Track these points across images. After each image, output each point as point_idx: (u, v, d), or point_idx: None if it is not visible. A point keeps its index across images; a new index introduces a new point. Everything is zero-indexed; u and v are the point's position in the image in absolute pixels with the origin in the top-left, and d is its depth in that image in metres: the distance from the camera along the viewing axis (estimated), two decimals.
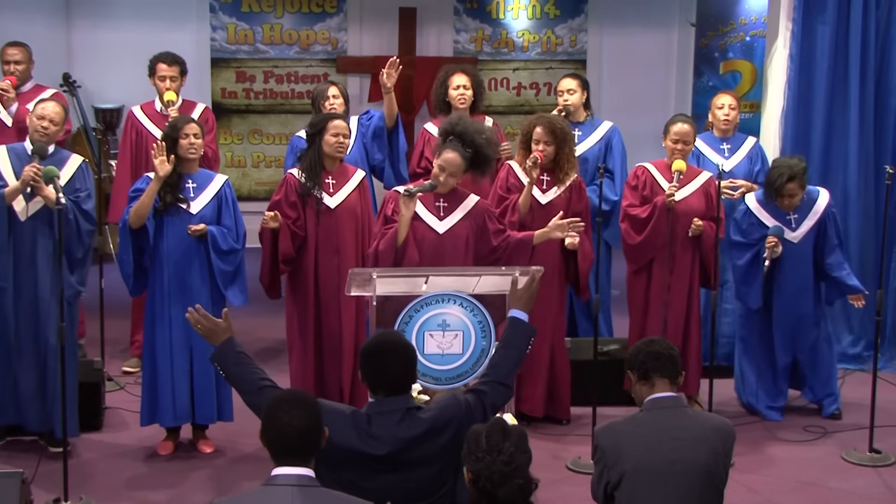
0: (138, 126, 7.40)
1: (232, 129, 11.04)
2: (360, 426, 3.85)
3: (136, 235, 6.00)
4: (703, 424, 4.12)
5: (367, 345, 3.99)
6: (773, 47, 8.01)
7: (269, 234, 6.21)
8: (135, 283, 6.08)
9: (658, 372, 4.15)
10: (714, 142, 7.45)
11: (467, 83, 7.30)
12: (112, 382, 7.05)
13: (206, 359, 6.02)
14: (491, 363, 4.19)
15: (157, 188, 5.95)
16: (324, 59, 11.05)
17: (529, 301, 4.30)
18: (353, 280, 5.44)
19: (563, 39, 11.30)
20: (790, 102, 7.81)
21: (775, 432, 6.64)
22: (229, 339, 4.10)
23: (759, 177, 7.29)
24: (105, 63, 10.43)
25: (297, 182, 6.27)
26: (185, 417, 6.13)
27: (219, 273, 6.04)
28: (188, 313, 4.14)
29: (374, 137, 7.23)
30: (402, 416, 3.86)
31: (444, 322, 5.27)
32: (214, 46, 10.90)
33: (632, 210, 6.68)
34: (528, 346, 4.23)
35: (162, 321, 6.05)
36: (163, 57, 7.37)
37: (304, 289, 6.31)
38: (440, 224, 5.98)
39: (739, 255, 6.74)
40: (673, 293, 6.60)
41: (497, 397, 4.08)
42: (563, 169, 6.44)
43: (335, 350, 6.30)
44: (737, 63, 10.97)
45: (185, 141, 6.04)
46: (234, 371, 4.05)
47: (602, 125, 7.53)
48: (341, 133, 6.24)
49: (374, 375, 3.90)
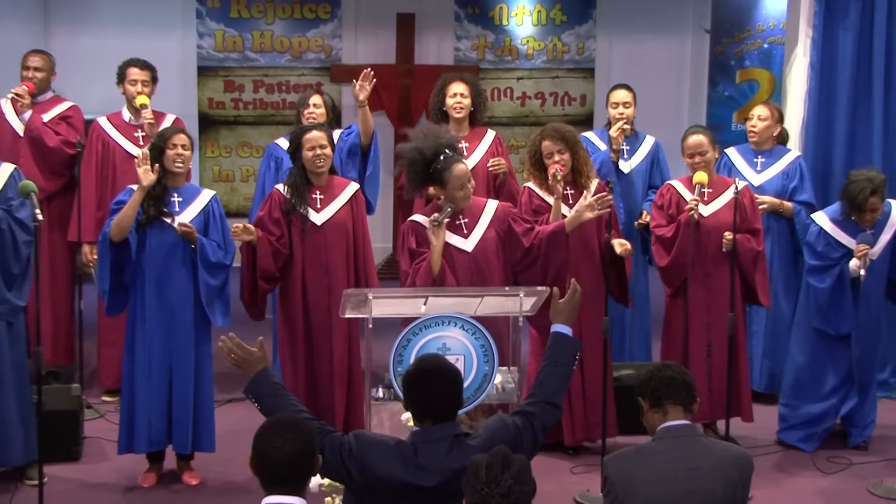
0: (104, 138, 7.39)
1: (219, 141, 11.05)
2: (406, 457, 3.85)
3: (117, 249, 5.99)
4: (720, 454, 4.10)
5: (409, 370, 4.00)
6: (793, 55, 8.03)
7: (248, 248, 6.23)
8: (112, 300, 6.07)
9: (671, 399, 4.13)
10: (749, 154, 7.51)
11: (465, 91, 7.32)
12: (91, 410, 7.04)
13: (185, 383, 6.03)
14: (537, 382, 4.21)
15: (140, 199, 5.95)
16: (317, 67, 11.08)
17: (572, 314, 4.35)
18: (348, 301, 5.44)
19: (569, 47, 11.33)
20: (811, 113, 7.82)
21: (797, 463, 6.62)
22: (264, 369, 4.08)
23: (794, 193, 7.31)
24: (86, 72, 10.45)
25: (281, 198, 6.29)
26: (160, 443, 6.10)
27: (204, 287, 6.03)
28: (221, 342, 4.09)
29: (349, 154, 7.22)
30: (450, 445, 3.87)
31: (445, 346, 5.26)
32: (201, 54, 10.93)
33: (658, 231, 6.70)
34: (575, 362, 4.28)
35: (143, 342, 6.04)
36: (133, 61, 7.38)
37: (293, 310, 6.31)
38: (467, 242, 6.01)
39: (820, 279, 6.66)
40: (714, 313, 6.57)
41: (546, 418, 4.10)
42: (584, 174, 6.46)
43: (327, 375, 6.29)
44: (754, 72, 10.99)
45: (172, 152, 6.05)
46: (270, 403, 4.02)
47: (646, 140, 7.65)
48: (317, 146, 6.24)
49: (420, 402, 3.91)
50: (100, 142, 7.39)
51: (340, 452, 3.87)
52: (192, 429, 6.09)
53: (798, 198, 7.34)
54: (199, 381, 6.09)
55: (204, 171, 11.16)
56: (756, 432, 6.91)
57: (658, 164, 7.61)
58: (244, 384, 4.08)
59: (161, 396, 6.05)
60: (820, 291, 6.68)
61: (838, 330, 6.68)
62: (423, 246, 5.92)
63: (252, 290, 6.32)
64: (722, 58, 11.11)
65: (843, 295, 6.62)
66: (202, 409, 6.09)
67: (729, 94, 10.99)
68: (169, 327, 6.01)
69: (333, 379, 6.28)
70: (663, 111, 11.05)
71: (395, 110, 10.89)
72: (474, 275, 5.96)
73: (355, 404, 6.30)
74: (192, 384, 6.06)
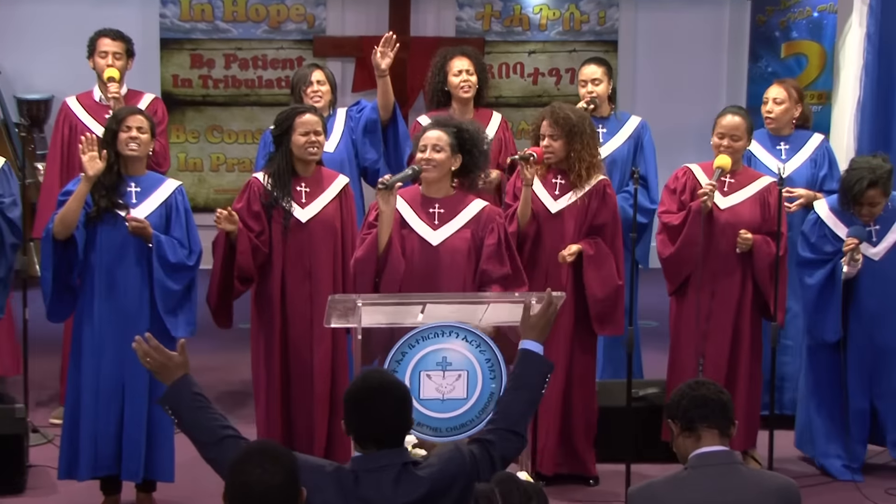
0: (73, 120, 7.43)
1: (186, 124, 11.06)
2: (345, 486, 3.82)
3: (62, 249, 5.99)
4: (761, 485, 4.11)
5: (351, 387, 3.97)
6: (847, 25, 8.05)
7: (224, 240, 6.21)
8: (55, 305, 6.06)
9: (705, 421, 4.14)
10: (768, 141, 7.43)
11: (470, 67, 7.34)
12: (37, 435, 7.05)
13: (139, 401, 6.02)
14: (499, 407, 4.17)
15: (86, 191, 5.94)
16: (298, 39, 11.09)
17: (545, 330, 4.29)
18: (334, 308, 5.45)
19: (589, 16, 11.34)
20: (867, 91, 7.84)
21: (850, 496, 6.63)
22: (184, 376, 4.07)
23: (824, 183, 7.30)
24: (31, 45, 10.46)
25: (261, 189, 6.29)
26: (106, 468, 6.07)
27: (161, 292, 6.01)
28: (135, 343, 4.09)
29: (365, 133, 7.25)
30: (397, 474, 3.84)
31: (445, 360, 5.28)
32: (164, 24, 10.94)
33: (666, 217, 6.70)
34: (545, 385, 4.22)
35: (90, 353, 6.04)
36: (105, 31, 7.43)
37: (269, 320, 6.31)
38: (434, 234, 5.99)
39: (810, 275, 6.71)
40: (714, 323, 6.59)
41: (507, 448, 4.05)
42: (576, 169, 6.45)
43: (306, 394, 6.30)
44: (802, 44, 11.00)
45: (126, 134, 6.04)
46: (189, 417, 4.02)
47: (630, 121, 7.57)
48: (312, 130, 6.25)
49: (362, 424, 3.89)
50: (67, 125, 7.43)
51: None
52: (147, 454, 6.07)
53: (828, 187, 7.31)
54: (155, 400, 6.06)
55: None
56: (802, 461, 6.95)
57: (641, 149, 7.49)
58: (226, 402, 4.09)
59: (109, 416, 6.04)
60: (808, 289, 6.69)
61: (822, 336, 6.71)
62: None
63: (223, 293, 6.31)
64: (765, 28, 11.12)
65: (832, 297, 6.62)
66: (159, 433, 6.07)
67: (773, 70, 11.00)
68: (121, 337, 5.95)
69: (313, 399, 6.28)
70: (697, 90, 11.06)
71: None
72: (431, 275, 5.92)
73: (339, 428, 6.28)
74: (147, 403, 6.04)
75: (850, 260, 6.50)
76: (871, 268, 6.67)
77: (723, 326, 6.59)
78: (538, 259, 6.47)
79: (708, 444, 4.14)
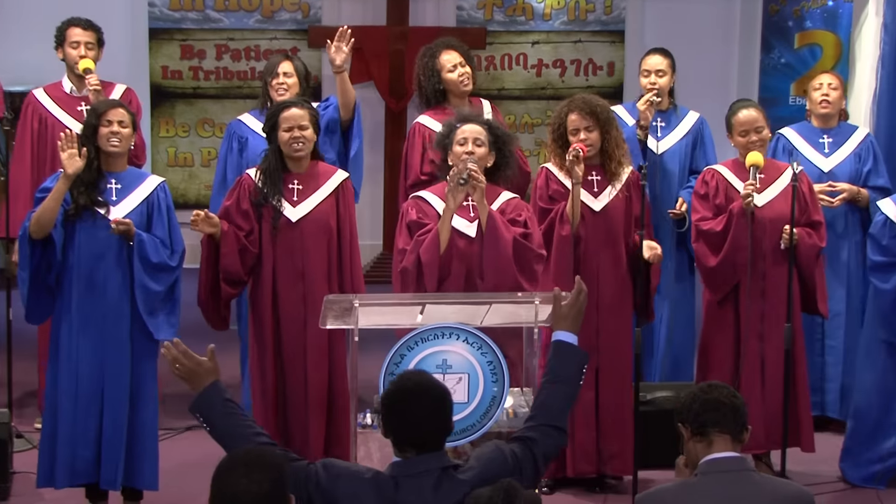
0: (42, 113, 7.39)
1: (176, 118, 11.06)
2: (384, 492, 3.85)
3: (40, 248, 5.98)
4: (774, 493, 4.10)
5: (388, 390, 4.01)
6: (863, 14, 8.05)
7: (210, 243, 6.22)
8: (33, 306, 6.05)
9: (717, 426, 4.13)
10: (811, 134, 7.45)
11: (461, 59, 7.34)
12: (22, 440, 7.04)
13: (118, 406, 6.00)
14: (538, 402, 4.21)
15: (65, 189, 5.93)
16: (292, 29, 11.09)
17: (577, 319, 4.32)
18: (330, 309, 5.44)
19: (595, 6, 11.34)
20: (884, 83, 7.83)
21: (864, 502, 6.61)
22: (214, 383, 4.09)
23: (868, 178, 7.29)
24: (14, 36, 10.46)
25: (252, 186, 6.29)
26: (86, 476, 6.05)
27: (143, 293, 5.99)
28: (164, 349, 4.11)
29: (326, 131, 7.23)
30: (437, 479, 3.87)
31: (445, 362, 5.27)
32: (153, 14, 10.94)
33: (704, 224, 6.66)
34: (582, 376, 4.26)
35: (68, 356, 6.02)
36: (75, 21, 7.40)
37: (262, 322, 6.31)
38: (472, 227, 6.03)
39: (884, 279, 6.61)
40: (768, 323, 6.56)
41: (549, 445, 4.10)
42: (615, 158, 6.45)
43: (300, 400, 6.29)
44: (816, 34, 10.99)
45: (107, 129, 6.02)
46: (221, 424, 4.04)
47: (689, 115, 7.65)
48: (295, 126, 6.24)
49: (400, 428, 3.92)
50: (35, 118, 7.40)
51: (306, 484, 3.88)
52: (127, 461, 6.04)
53: (873, 183, 7.31)
54: (137, 405, 6.04)
55: (157, 154, 11.17)
56: (819, 466, 6.92)
57: (702, 145, 7.58)
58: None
59: (88, 421, 6.02)
60: (884, 294, 6.65)
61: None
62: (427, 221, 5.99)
63: (212, 294, 6.32)
64: (778, 18, 11.12)
65: None
66: (141, 439, 6.05)
67: (786, 61, 11.00)
68: (101, 339, 5.99)
69: (308, 403, 6.28)
70: (707, 82, 11.05)
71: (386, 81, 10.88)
72: (474, 270, 5.99)
73: (337, 433, 6.29)
74: (127, 408, 6.03)
75: None
76: None
77: (778, 327, 6.52)
78: (588, 259, 6.44)
79: (719, 449, 4.13)
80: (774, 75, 11.11)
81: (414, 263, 5.95)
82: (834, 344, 7.38)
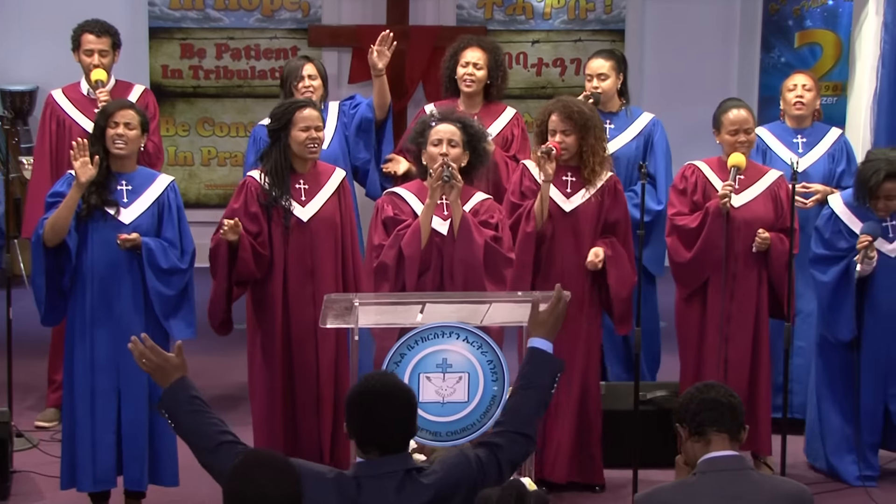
0: (60, 115, 7.43)
1: (176, 117, 11.07)
2: (346, 494, 3.85)
3: (53, 254, 6.00)
4: (772, 491, 4.13)
5: (353, 390, 3.99)
6: (863, 14, 8.06)
7: (226, 249, 6.20)
8: (49, 309, 6.09)
9: (715, 425, 4.16)
10: (786, 134, 7.44)
11: (481, 61, 7.33)
12: (22, 439, 7.05)
13: (138, 407, 6.03)
14: (507, 408, 4.19)
15: (77, 197, 5.95)
16: (292, 28, 11.09)
17: (554, 327, 4.30)
18: (330, 309, 5.46)
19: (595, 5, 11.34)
20: (884, 83, 7.85)
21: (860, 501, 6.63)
22: (181, 379, 4.10)
23: (841, 179, 7.30)
24: (14, 35, 10.46)
25: (258, 188, 6.28)
26: (108, 481, 6.09)
27: (157, 298, 6.04)
28: (131, 344, 4.12)
29: (359, 131, 7.25)
30: (400, 481, 3.86)
31: (445, 362, 5.30)
32: (153, 13, 10.95)
33: (679, 220, 6.72)
34: (554, 385, 4.23)
35: (83, 358, 6.05)
36: (89, 26, 7.42)
37: (271, 322, 6.31)
38: (444, 225, 6.06)
39: (824, 272, 6.72)
40: (734, 325, 6.62)
41: (515, 452, 4.08)
42: (589, 165, 6.47)
43: (311, 397, 6.30)
44: (816, 33, 11.00)
45: (113, 131, 6.05)
46: (186, 421, 4.04)
47: (641, 117, 7.58)
48: (313, 126, 6.25)
49: (364, 429, 3.91)
50: (54, 120, 7.43)
51: None
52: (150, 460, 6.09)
53: (846, 183, 7.31)
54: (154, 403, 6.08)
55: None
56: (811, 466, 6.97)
57: (651, 148, 7.48)
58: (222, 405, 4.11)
59: (107, 425, 6.05)
60: (822, 287, 6.71)
61: (836, 335, 6.73)
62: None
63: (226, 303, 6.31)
64: (778, 17, 11.13)
65: (846, 295, 6.63)
66: (160, 438, 6.09)
67: (786, 60, 11.00)
68: (115, 341, 5.99)
69: (320, 402, 6.30)
70: (707, 81, 11.05)
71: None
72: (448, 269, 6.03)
73: (341, 432, 6.31)
74: (147, 409, 6.05)
75: (863, 258, 6.51)
76: (887, 264, 6.68)
77: (744, 329, 6.63)
78: (553, 259, 6.48)
79: (717, 448, 4.16)
80: (774, 74, 11.11)
81: (394, 258, 5.98)
82: (802, 345, 7.35)
